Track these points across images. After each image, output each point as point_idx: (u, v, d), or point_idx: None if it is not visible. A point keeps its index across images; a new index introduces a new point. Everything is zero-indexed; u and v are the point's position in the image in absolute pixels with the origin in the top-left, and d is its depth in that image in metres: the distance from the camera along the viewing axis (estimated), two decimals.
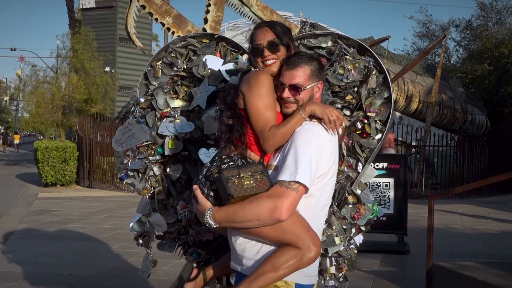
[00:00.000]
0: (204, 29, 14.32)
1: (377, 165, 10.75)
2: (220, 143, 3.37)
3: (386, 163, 10.98)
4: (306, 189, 3.10)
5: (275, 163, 3.27)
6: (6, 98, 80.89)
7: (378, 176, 10.76)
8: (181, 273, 3.67)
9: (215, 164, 3.28)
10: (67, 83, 32.04)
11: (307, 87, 3.27)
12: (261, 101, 3.23)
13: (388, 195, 10.94)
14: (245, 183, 3.10)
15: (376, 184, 10.92)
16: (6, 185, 23.91)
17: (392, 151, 14.23)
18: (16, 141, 61.00)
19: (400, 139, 22.63)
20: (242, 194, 3.09)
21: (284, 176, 3.08)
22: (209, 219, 3.14)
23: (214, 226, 3.17)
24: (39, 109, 31.09)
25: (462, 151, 22.98)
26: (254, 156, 3.31)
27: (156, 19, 14.36)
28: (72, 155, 22.97)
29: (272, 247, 3.20)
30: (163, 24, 14.41)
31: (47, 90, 32.33)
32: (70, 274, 8.89)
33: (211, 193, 3.21)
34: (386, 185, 10.95)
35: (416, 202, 16.91)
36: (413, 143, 22.76)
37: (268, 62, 3.34)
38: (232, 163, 3.24)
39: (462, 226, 14.20)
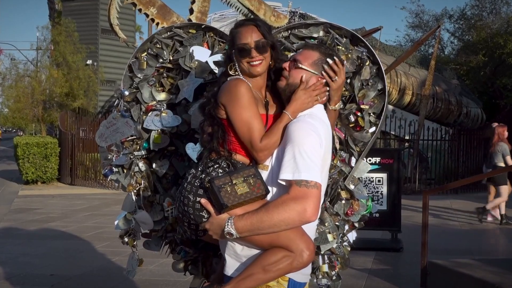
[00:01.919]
0: (189, 20, 14.24)
1: (370, 160, 10.75)
2: (203, 152, 3.35)
3: (379, 158, 10.98)
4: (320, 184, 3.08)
5: (268, 164, 3.25)
6: None
7: (370, 171, 10.82)
8: (191, 286, 3.66)
9: (199, 169, 3.26)
10: (48, 77, 31.85)
11: (304, 67, 3.29)
12: (245, 112, 3.19)
13: (381, 191, 10.95)
14: (239, 189, 3.08)
15: (369, 180, 10.92)
16: None
17: (505, 146, 14.07)
18: None
19: (393, 133, 22.66)
20: (237, 202, 3.07)
21: (296, 175, 3.03)
22: (231, 229, 3.05)
23: (236, 236, 3.08)
24: (18, 104, 30.90)
25: (457, 145, 23.04)
26: (241, 158, 3.28)
27: (140, 10, 14.29)
28: (54, 151, 22.81)
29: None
30: (147, 15, 14.34)
31: (27, 84, 32.13)
32: (52, 274, 8.85)
33: (198, 199, 3.18)
34: (379, 181, 10.96)
35: (409, 198, 16.96)
36: (407, 137, 22.79)
37: (255, 63, 3.29)
38: (217, 165, 3.22)
39: (457, 222, 14.26)
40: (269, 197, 3.19)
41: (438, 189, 15.02)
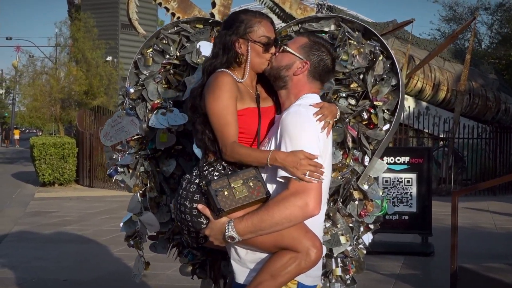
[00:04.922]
0: (212, 14, 14.36)
1: (399, 160, 10.76)
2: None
3: (408, 157, 10.94)
4: None
5: None
6: (2, 92, 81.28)
7: (399, 171, 10.89)
8: None
9: (194, 174, 3.29)
10: (67, 74, 32.08)
11: (289, 49, 3.33)
12: (218, 103, 3.21)
13: (411, 192, 10.87)
14: (237, 193, 3.09)
15: (398, 180, 10.88)
16: (0, 185, 23.99)
17: None
18: (16, 136, 63.37)
19: (427, 131, 22.56)
20: (234, 206, 3.09)
21: None
22: (232, 233, 3.08)
23: (239, 240, 3.11)
24: (35, 102, 31.10)
25: (495, 144, 22.88)
26: None
27: (160, 4, 14.44)
28: (71, 152, 22.91)
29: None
30: (167, 9, 14.49)
31: (45, 82, 32.35)
32: (66, 280, 8.96)
33: (194, 205, 3.21)
34: (408, 181, 10.90)
35: (444, 199, 16.87)
36: (441, 135, 22.67)
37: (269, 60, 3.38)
38: (212, 168, 3.24)
39: (493, 225, 14.16)
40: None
41: (467, 189, 14.86)
